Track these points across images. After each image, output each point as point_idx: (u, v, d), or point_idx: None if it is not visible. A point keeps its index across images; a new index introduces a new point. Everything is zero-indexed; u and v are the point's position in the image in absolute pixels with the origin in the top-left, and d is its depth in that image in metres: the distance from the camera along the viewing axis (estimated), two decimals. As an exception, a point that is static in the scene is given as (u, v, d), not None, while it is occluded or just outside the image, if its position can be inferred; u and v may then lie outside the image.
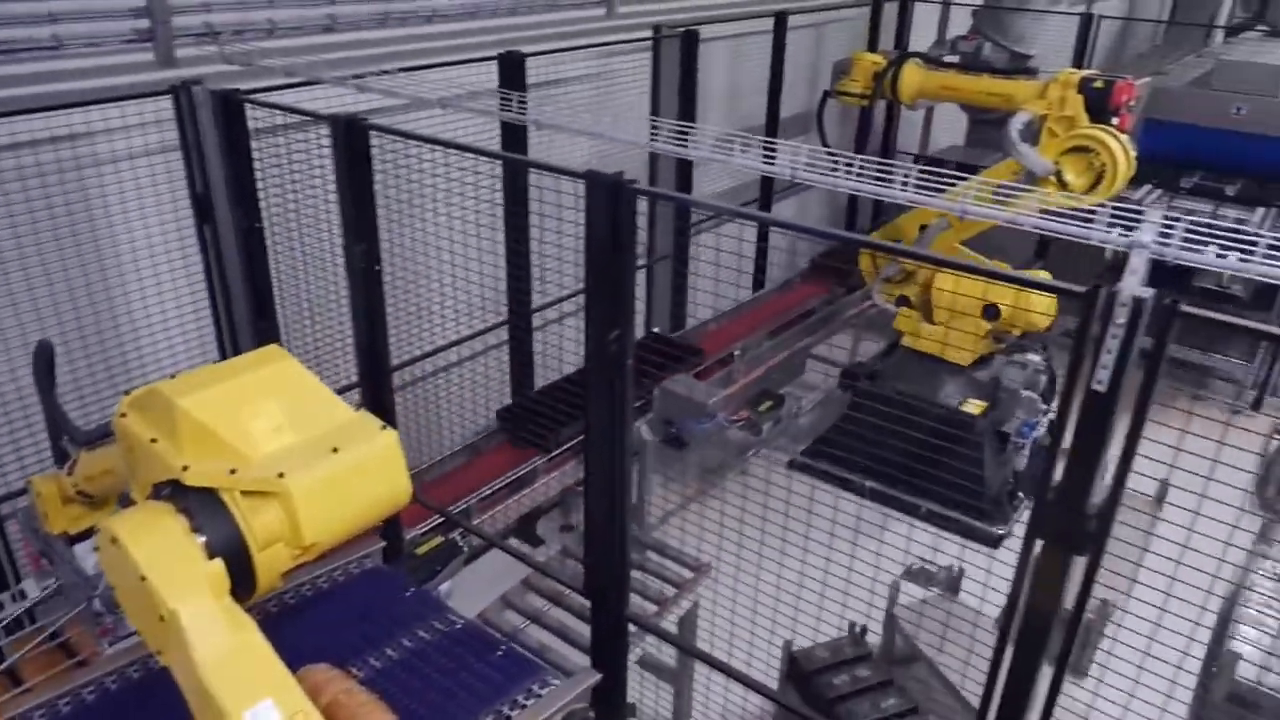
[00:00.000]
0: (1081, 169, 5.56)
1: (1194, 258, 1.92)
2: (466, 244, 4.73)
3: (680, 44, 6.36)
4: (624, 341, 2.79)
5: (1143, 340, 1.86)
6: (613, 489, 3.08)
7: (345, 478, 2.18)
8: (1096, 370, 1.92)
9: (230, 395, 2.13)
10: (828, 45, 9.05)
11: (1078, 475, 2.03)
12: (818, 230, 5.86)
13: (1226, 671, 5.18)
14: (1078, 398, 1.97)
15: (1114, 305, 1.86)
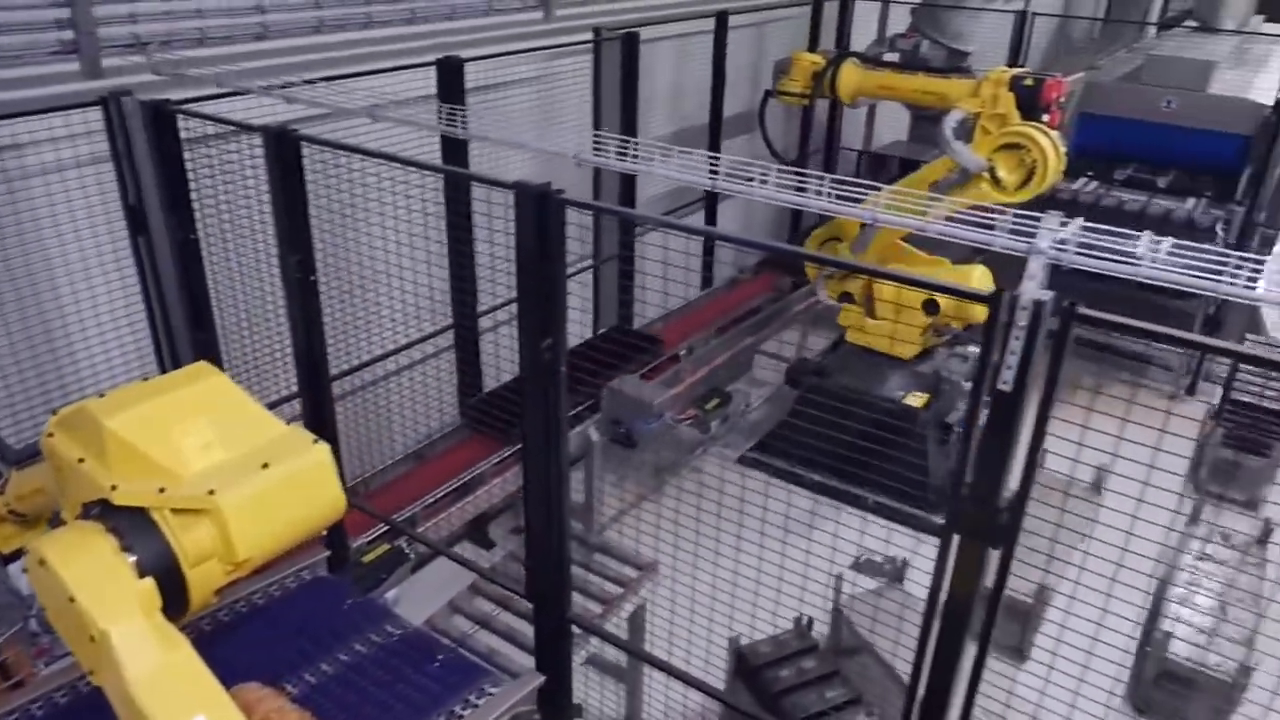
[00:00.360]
0: (1014, 165, 5.69)
1: (1087, 262, 2.00)
2: (412, 250, 4.74)
3: (621, 46, 6.39)
4: (557, 349, 2.83)
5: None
6: (550, 494, 3.11)
7: (276, 493, 2.19)
8: (1002, 371, 2.00)
9: (158, 413, 2.12)
10: (770, 44, 9.14)
11: (987, 472, 2.11)
12: (742, 239, 5.92)
13: (1158, 650, 5.37)
14: (985, 397, 2.04)
15: (1015, 309, 1.94)
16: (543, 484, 3.11)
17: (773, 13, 8.96)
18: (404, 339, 5.48)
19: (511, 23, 5.85)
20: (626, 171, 2.64)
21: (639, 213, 3.40)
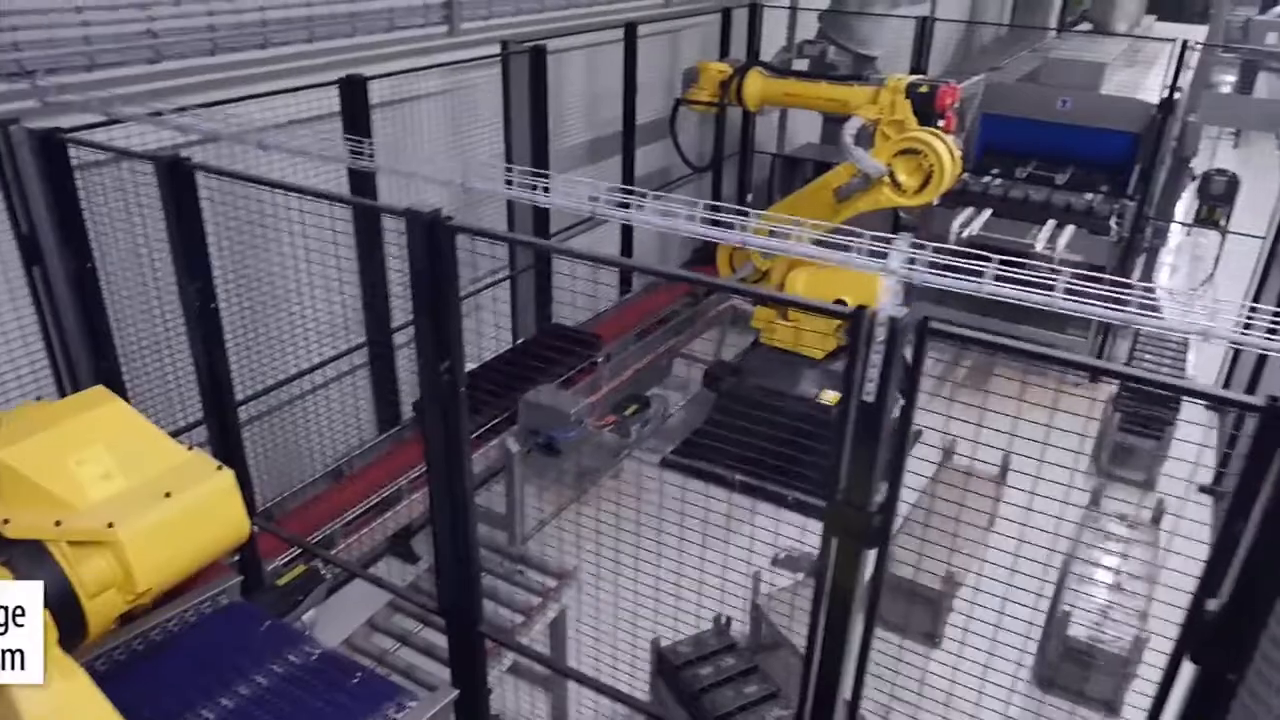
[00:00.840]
0: (912, 170, 5.91)
1: (938, 280, 2.14)
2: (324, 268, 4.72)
3: (529, 59, 6.44)
4: (455, 372, 2.88)
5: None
6: (456, 511, 3.16)
7: (178, 522, 2.19)
8: (864, 383, 2.12)
9: (53, 443, 2.10)
10: (683, 51, 9.28)
11: (857, 479, 2.24)
12: (623, 262, 6.03)
13: (1060, 629, 5.63)
14: (852, 408, 2.17)
15: (874, 325, 2.06)
16: (448, 502, 3.16)
17: (683, 21, 9.09)
18: (316, 358, 5.45)
19: (416, 37, 5.85)
20: (512, 199, 2.71)
21: (527, 238, 3.45)
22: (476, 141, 6.58)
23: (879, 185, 5.95)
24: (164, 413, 4.63)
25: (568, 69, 7.53)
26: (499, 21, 6.54)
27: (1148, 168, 8.87)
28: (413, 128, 5.94)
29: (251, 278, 4.92)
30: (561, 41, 7.19)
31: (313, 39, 5.07)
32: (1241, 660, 1.96)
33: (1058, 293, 1.94)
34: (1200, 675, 2.06)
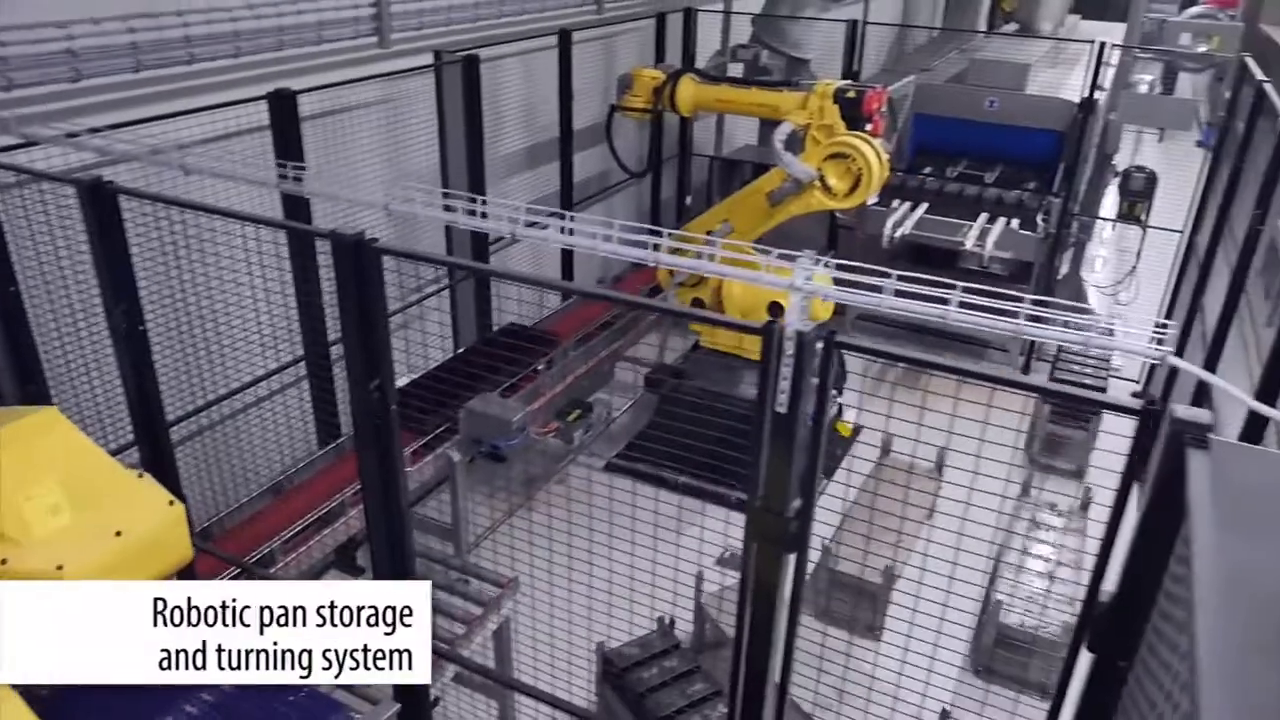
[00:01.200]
0: (842, 173, 6.04)
1: (839, 295, 2.23)
2: (265, 283, 4.71)
3: (462, 69, 6.45)
4: (385, 390, 2.92)
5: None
6: (392, 528, 3.20)
7: (127, 561, 2.13)
8: (777, 394, 2.21)
9: (1, 473, 2.00)
10: (619, 56, 9.35)
11: (773, 485, 2.32)
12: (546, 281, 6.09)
13: (994, 617, 5.82)
14: (766, 418, 2.25)
15: (783, 339, 2.15)
16: (383, 518, 3.19)
17: (618, 27, 9.16)
18: (248, 377, 5.42)
19: (346, 49, 5.83)
20: (434, 219, 2.75)
21: (454, 260, 3.48)
22: (412, 151, 6.57)
23: (810, 189, 6.07)
24: (95, 435, 4.56)
25: (503, 77, 7.55)
26: (431, 31, 6.54)
27: (1071, 165, 9.15)
28: (346, 139, 5.92)
29: (181, 297, 4.87)
30: (496, 49, 7.21)
31: (239, 54, 5.03)
32: (1130, 648, 2.08)
33: (952, 306, 2.04)
34: (1095, 662, 2.19)
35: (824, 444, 2.31)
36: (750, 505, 2.40)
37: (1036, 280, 9.27)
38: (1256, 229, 5.51)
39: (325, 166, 5.68)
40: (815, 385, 6.69)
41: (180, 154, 3.32)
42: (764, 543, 2.43)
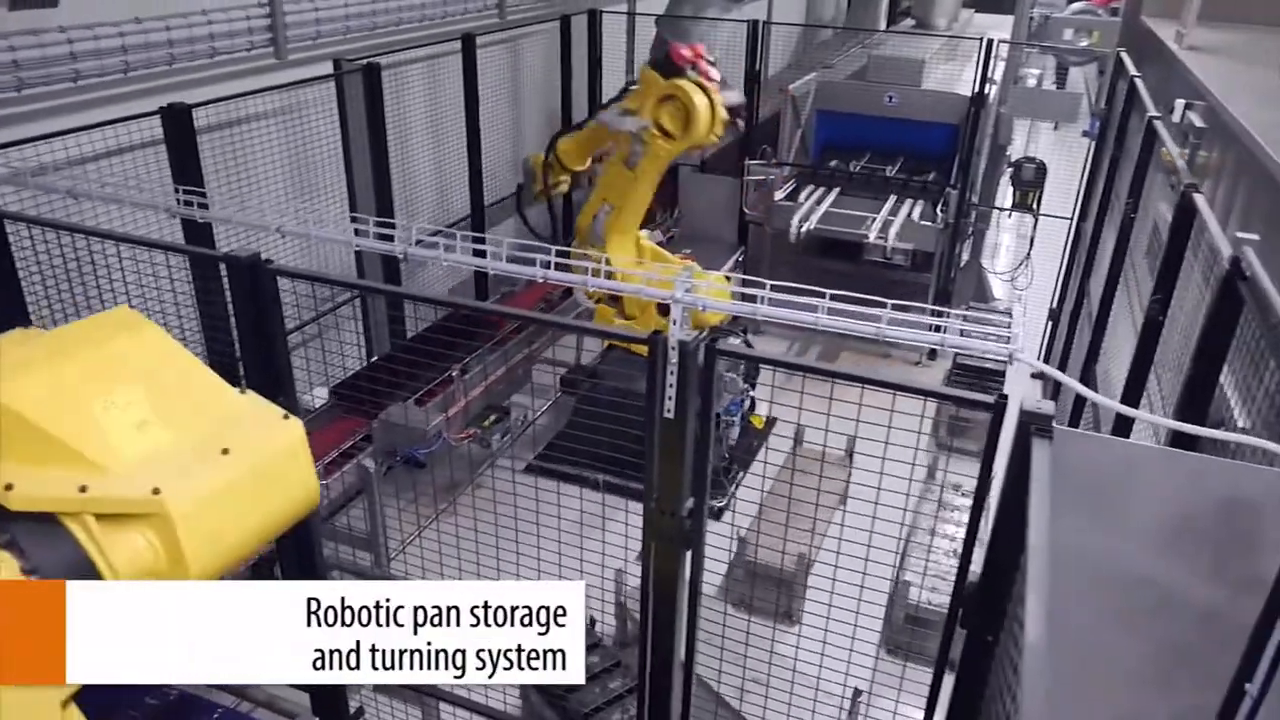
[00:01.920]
0: (674, 116, 6.32)
1: (718, 305, 2.36)
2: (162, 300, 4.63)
3: (363, 77, 6.42)
4: (289, 406, 2.93)
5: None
6: (301, 541, 3.22)
7: (241, 488, 1.74)
8: (664, 401, 2.32)
9: (69, 379, 1.61)
10: (524, 58, 9.38)
11: (666, 488, 2.43)
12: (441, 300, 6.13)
13: (901, 597, 6.06)
14: (656, 424, 2.36)
15: (666, 349, 2.26)
16: (292, 537, 3.21)
17: (523, 30, 9.19)
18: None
19: (241, 59, 5.76)
20: (328, 240, 2.79)
21: (349, 280, 3.51)
22: (318, 161, 6.51)
23: (653, 140, 6.30)
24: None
25: (407, 84, 7.51)
26: (328, 40, 6.48)
27: (966, 157, 9.51)
28: (247, 151, 5.84)
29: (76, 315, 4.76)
30: (398, 56, 7.18)
31: (129, 69, 4.94)
32: (996, 623, 2.25)
33: (821, 312, 2.17)
34: (968, 637, 2.36)
35: (712, 445, 2.43)
36: (646, 507, 2.50)
37: (938, 269, 9.62)
38: (1130, 217, 5.84)
39: (225, 181, 5.60)
40: (740, 387, 6.85)
41: (69, 178, 3.27)
42: (661, 542, 2.54)
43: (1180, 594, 2.03)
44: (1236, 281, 2.85)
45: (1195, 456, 2.10)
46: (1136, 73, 7.10)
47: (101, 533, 1.47)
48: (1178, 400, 3.33)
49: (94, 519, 1.46)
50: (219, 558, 1.67)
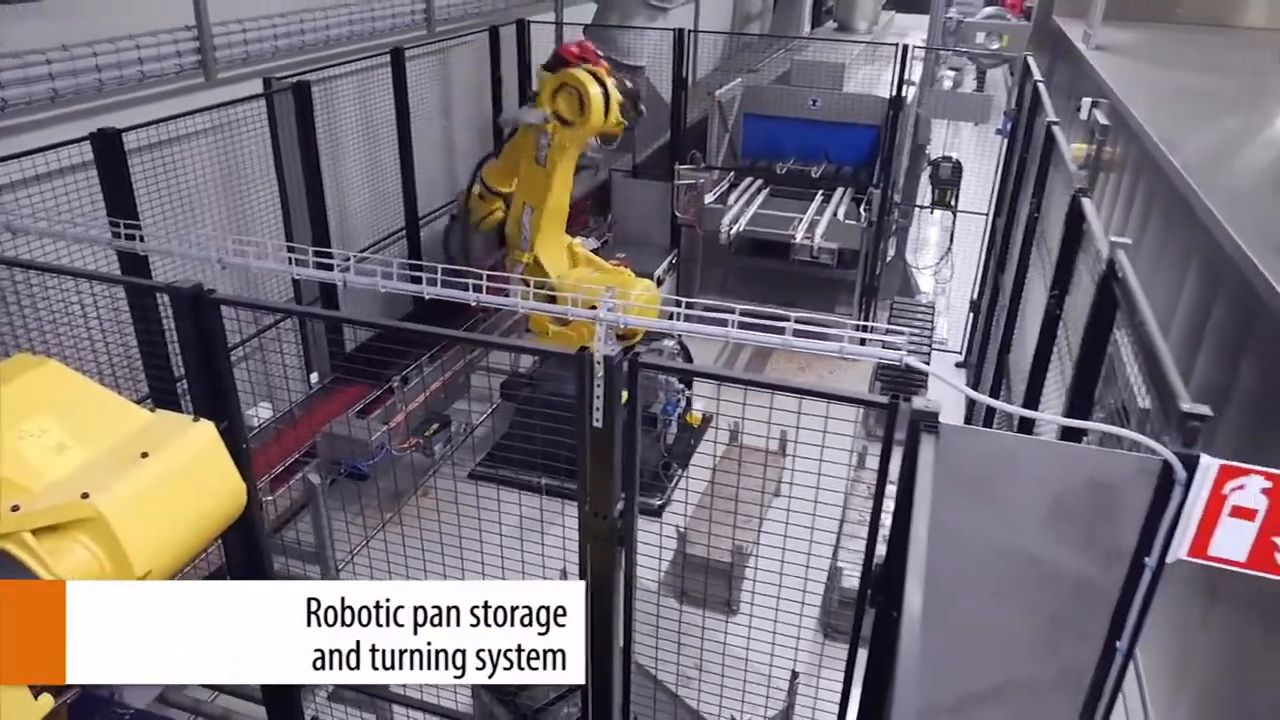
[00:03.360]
0: (570, 101, 6.57)
1: (639, 321, 2.56)
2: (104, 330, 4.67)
3: (293, 95, 6.49)
4: (234, 430, 3.06)
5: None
6: (251, 556, 3.34)
7: (166, 485, 1.85)
8: (593, 411, 2.51)
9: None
10: (454, 70, 9.49)
11: (597, 493, 2.63)
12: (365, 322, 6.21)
13: (836, 582, 6.35)
14: (586, 433, 2.55)
15: (592, 363, 2.45)
16: (243, 548, 3.33)
17: (452, 40, 9.29)
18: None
19: (170, 77, 5.79)
20: (265, 270, 2.92)
21: (285, 306, 3.63)
22: (250, 178, 6.56)
23: (557, 131, 6.55)
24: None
25: (338, 100, 7.58)
26: (257, 58, 6.53)
27: (887, 157, 9.88)
28: (179, 173, 5.86)
29: (15, 347, 4.79)
30: (329, 71, 7.24)
31: (56, 96, 4.97)
32: (900, 600, 2.49)
33: (731, 326, 2.39)
34: (876, 614, 2.60)
35: (651, 445, 2.62)
36: (580, 510, 2.69)
37: (864, 266, 9.98)
38: (1034, 215, 6.19)
39: (157, 203, 5.63)
40: (676, 388, 7.07)
41: (3, 215, 3.34)
42: (596, 543, 2.74)
43: (1056, 566, 2.28)
44: (1112, 282, 3.15)
45: (1063, 445, 2.37)
46: (1040, 77, 7.49)
47: (41, 547, 1.56)
48: (1068, 389, 3.63)
49: (31, 535, 1.55)
50: (161, 554, 1.75)
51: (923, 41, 10.91)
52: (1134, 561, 2.28)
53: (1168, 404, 2.29)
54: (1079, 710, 2.45)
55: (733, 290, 10.75)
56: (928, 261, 12.26)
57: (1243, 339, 4.71)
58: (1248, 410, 4.52)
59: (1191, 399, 2.21)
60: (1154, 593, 2.28)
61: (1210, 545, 2.22)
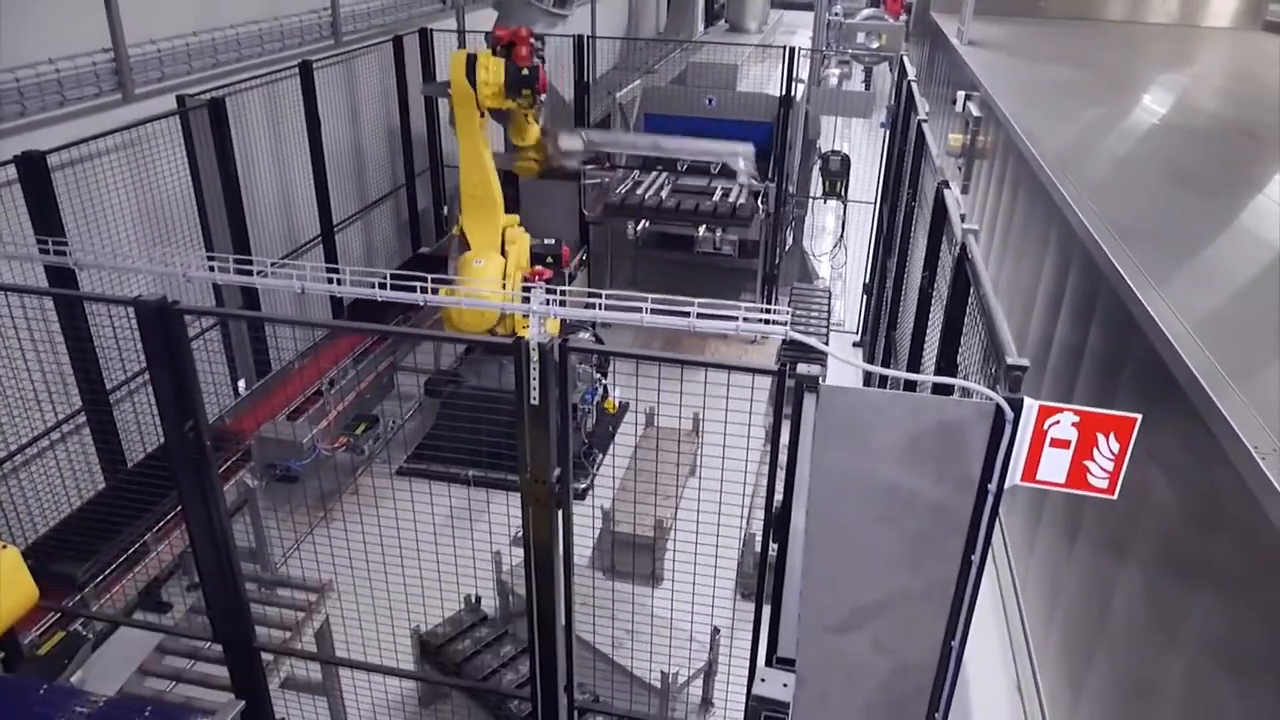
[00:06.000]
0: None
1: (566, 312, 2.98)
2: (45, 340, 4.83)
3: (208, 112, 6.66)
4: (199, 429, 3.36)
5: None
6: (218, 547, 3.64)
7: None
8: (530, 391, 2.92)
9: None
10: (360, 79, 9.69)
11: (535, 460, 3.04)
12: (297, 320, 6.46)
13: (750, 547, 6.88)
14: (524, 411, 2.96)
15: (529, 350, 2.86)
16: (209, 541, 3.63)
17: (356, 50, 9.49)
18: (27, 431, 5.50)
19: (89, 96, 5.93)
20: (230, 283, 3.23)
21: (237, 312, 3.87)
22: (169, 191, 6.70)
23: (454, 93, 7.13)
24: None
25: (250, 112, 7.74)
26: (171, 73, 6.69)
27: (780, 152, 10.48)
28: (101, 187, 5.99)
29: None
30: (241, 88, 7.41)
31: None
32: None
33: (645, 312, 2.82)
34: (777, 553, 3.08)
35: (570, 424, 3.04)
36: (521, 478, 3.10)
37: (764, 255, 10.56)
38: (911, 204, 6.82)
39: (80, 218, 5.78)
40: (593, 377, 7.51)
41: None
42: (535, 505, 3.15)
43: (917, 495, 2.79)
44: (964, 262, 3.71)
45: (916, 395, 2.88)
46: (914, 75, 8.15)
47: None
48: (936, 351, 4.20)
49: None
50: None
51: (809, 41, 11.54)
52: (980, 489, 2.81)
53: (999, 359, 2.82)
54: (946, 616, 2.98)
55: (642, 283, 11.20)
56: (824, 249, 12.94)
57: (1091, 306, 5.39)
58: (1097, 362, 5.21)
59: (1046, 357, 2.74)
60: (996, 513, 2.81)
61: (1038, 471, 2.77)
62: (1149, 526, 4.20)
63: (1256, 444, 3.21)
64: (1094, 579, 4.91)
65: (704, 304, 2.81)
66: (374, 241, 10.38)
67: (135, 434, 6.17)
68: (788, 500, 2.90)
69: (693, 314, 2.75)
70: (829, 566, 2.87)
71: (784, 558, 2.98)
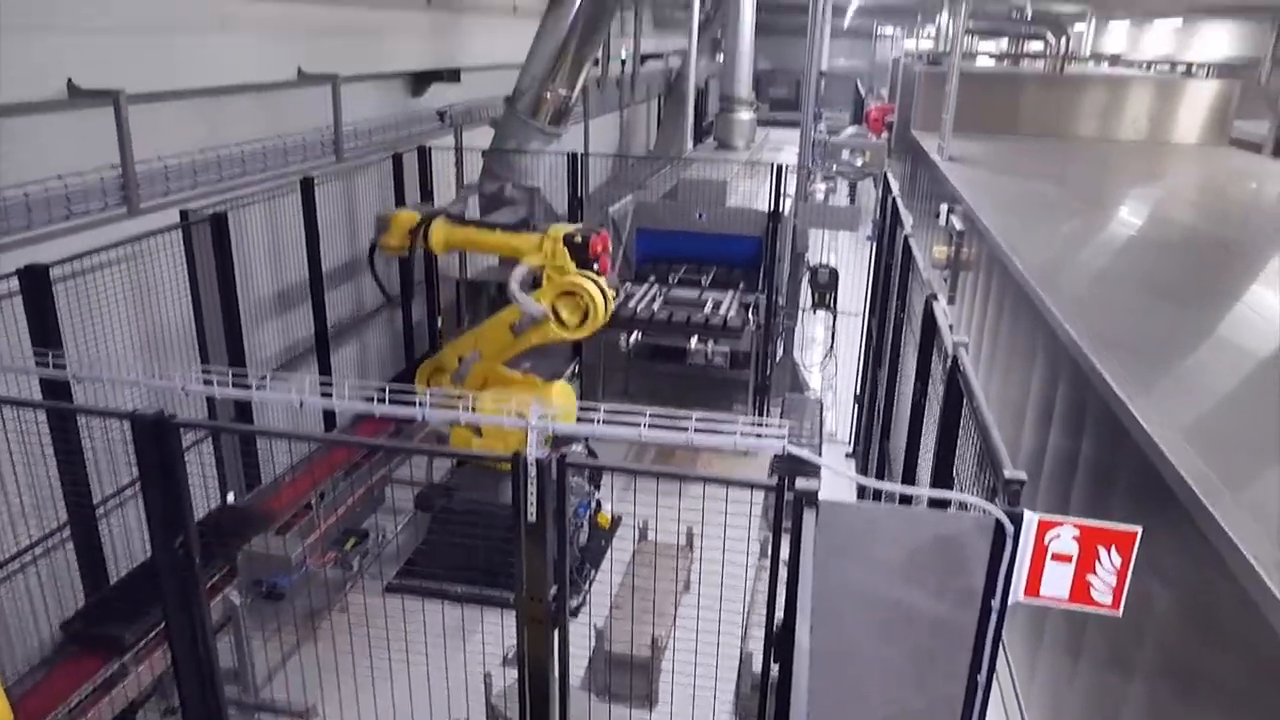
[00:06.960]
0: (573, 308, 6.88)
1: (566, 428, 2.98)
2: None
3: (210, 226, 6.80)
4: (189, 545, 3.31)
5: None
6: (200, 669, 3.53)
7: None
8: (527, 508, 2.90)
9: None
10: (360, 195, 9.94)
11: (532, 578, 2.99)
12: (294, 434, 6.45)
13: (747, 667, 6.70)
14: (522, 527, 2.93)
15: (526, 466, 2.85)
16: (193, 661, 3.52)
17: (358, 164, 9.77)
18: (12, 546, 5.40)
19: (94, 208, 6.05)
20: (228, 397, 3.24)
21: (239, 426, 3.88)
22: (170, 305, 6.76)
23: (546, 322, 6.86)
24: None
25: (250, 225, 7.89)
26: (176, 188, 6.85)
27: (770, 265, 10.70)
28: (101, 298, 6.04)
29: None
30: (243, 203, 7.58)
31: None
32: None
33: (643, 426, 2.83)
34: (779, 671, 3.01)
35: (569, 540, 3.01)
36: (517, 596, 3.04)
37: (755, 366, 10.66)
38: (900, 316, 6.93)
39: (80, 329, 5.82)
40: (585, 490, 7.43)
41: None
42: (532, 625, 3.08)
43: (917, 609, 2.76)
44: (955, 374, 3.75)
45: (911, 509, 2.87)
46: (896, 192, 8.41)
47: None
48: (932, 465, 4.20)
49: None
50: None
51: (796, 157, 11.92)
52: (983, 604, 2.77)
53: (996, 472, 2.82)
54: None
55: (634, 394, 11.25)
56: (815, 360, 13.07)
57: (1081, 416, 5.42)
58: (1090, 471, 5.21)
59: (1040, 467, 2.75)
60: (1001, 630, 2.76)
61: (1041, 586, 2.74)
62: (1151, 641, 4.13)
63: (1257, 554, 3.20)
64: (1098, 697, 4.80)
65: (701, 418, 2.82)
66: (368, 352, 10.44)
67: (114, 550, 6.06)
68: (790, 617, 2.85)
69: (690, 428, 2.76)
70: (833, 680, 2.80)
71: (788, 677, 2.91)
